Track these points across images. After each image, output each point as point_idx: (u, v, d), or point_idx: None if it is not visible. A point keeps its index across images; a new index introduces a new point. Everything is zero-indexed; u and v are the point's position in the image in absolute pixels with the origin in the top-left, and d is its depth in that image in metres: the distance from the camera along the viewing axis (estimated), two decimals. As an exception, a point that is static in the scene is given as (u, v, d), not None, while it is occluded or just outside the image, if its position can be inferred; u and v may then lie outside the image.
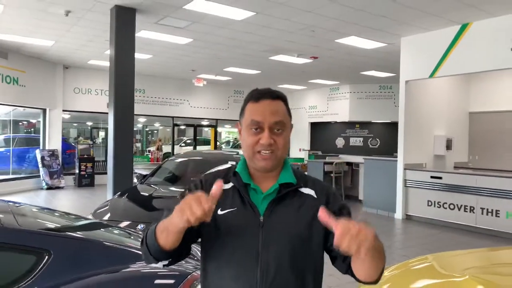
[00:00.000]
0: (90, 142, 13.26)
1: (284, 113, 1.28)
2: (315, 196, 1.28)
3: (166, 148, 17.86)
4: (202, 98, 15.21)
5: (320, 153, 14.77)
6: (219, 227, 1.23)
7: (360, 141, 15.64)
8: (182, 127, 17.74)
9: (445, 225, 7.75)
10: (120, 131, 6.57)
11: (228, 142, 23.75)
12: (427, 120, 9.03)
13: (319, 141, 16.19)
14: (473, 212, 7.45)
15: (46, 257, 1.89)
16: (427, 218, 8.07)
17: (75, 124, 18.62)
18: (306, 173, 1.35)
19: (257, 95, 1.27)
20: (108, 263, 2.16)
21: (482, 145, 10.29)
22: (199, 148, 16.70)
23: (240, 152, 7.95)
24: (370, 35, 8.07)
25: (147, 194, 4.97)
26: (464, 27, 7.25)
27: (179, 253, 1.21)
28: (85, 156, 12.06)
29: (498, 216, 7.11)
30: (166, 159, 6.81)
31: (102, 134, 18.09)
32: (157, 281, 2.33)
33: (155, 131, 23.40)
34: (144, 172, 7.92)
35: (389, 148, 13.16)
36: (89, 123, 18.13)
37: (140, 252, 1.20)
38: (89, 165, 12.04)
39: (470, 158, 10.47)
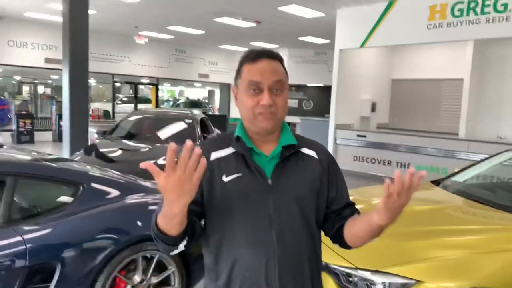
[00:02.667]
0: (28, 98, 12.80)
1: (282, 73, 1.26)
2: (317, 157, 1.30)
3: (103, 106, 17.56)
4: (143, 56, 15.13)
5: (259, 113, 15.60)
6: (226, 195, 1.20)
7: (295, 103, 16.69)
8: (118, 84, 17.50)
9: (368, 177, 9.03)
10: (75, 88, 6.74)
11: (167, 101, 23.67)
12: (356, 85, 10.17)
13: (258, 102, 16.99)
14: (390, 165, 8.80)
15: (81, 188, 2.47)
16: (353, 171, 9.32)
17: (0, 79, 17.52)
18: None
19: (254, 55, 1.24)
20: (120, 194, 2.78)
21: (401, 108, 11.78)
22: (139, 106, 16.72)
23: (194, 111, 8.49)
24: (310, 4, 8.80)
25: (115, 148, 5.44)
26: (391, 4, 8.23)
27: (193, 231, 1.14)
28: (23, 113, 11.74)
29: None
30: (124, 117, 7.10)
31: (26, 88, 17.23)
32: (151, 208, 2.95)
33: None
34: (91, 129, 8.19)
35: (321, 110, 14.35)
36: (17, 77, 17.15)
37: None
38: (27, 121, 11.76)
39: (390, 120, 11.96)
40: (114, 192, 2.71)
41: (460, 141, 8.11)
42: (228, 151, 1.26)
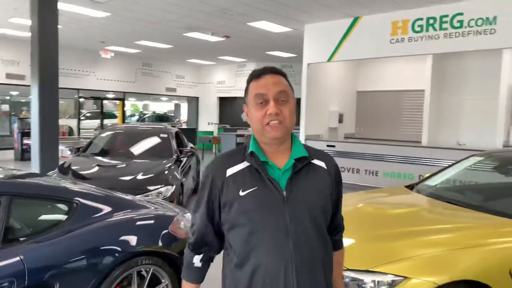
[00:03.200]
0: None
1: (286, 85, 1.35)
2: (325, 168, 1.39)
3: (65, 122, 17.03)
4: (109, 70, 14.93)
5: (228, 126, 15.73)
6: (244, 209, 1.28)
7: (263, 115, 16.89)
8: (81, 99, 17.14)
9: (338, 185, 9.32)
10: (45, 105, 6.55)
11: (131, 116, 23.29)
12: (323, 98, 10.53)
13: (227, 115, 17.11)
14: (359, 173, 9.13)
15: (75, 205, 2.49)
16: (324, 180, 9.58)
17: None
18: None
19: (258, 73, 1.34)
20: (111, 209, 2.80)
21: (366, 119, 12.26)
22: (105, 122, 16.41)
23: (167, 125, 8.48)
24: (278, 20, 9.07)
25: (91, 165, 5.36)
26: (355, 20, 8.65)
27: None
28: (-17, 130, 11.26)
29: (377, 175, 8.86)
30: (98, 134, 7.01)
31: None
32: (139, 223, 2.96)
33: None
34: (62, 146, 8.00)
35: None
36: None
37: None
38: (-13, 139, 11.30)
39: (357, 130, 12.41)
40: (106, 208, 2.73)
41: (423, 148, 8.56)
42: (243, 165, 1.33)
